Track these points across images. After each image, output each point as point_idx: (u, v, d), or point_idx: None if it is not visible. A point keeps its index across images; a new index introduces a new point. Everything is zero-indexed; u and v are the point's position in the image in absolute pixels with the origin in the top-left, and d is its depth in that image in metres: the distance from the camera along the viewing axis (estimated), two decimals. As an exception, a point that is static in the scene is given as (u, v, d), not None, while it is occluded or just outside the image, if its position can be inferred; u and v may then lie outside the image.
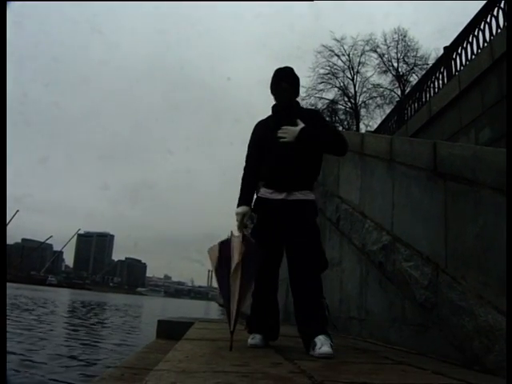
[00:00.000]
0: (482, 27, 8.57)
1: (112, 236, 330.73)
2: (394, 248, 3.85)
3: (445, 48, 10.28)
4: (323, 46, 26.87)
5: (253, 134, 3.20)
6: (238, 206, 3.00)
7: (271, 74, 3.20)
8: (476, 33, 8.78)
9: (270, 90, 3.19)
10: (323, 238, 5.90)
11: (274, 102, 3.23)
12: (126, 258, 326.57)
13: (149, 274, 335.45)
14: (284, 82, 3.11)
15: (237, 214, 2.96)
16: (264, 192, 3.07)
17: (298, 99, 3.30)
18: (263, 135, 3.12)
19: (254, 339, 3.01)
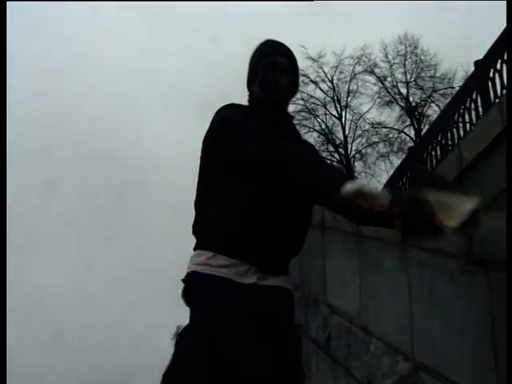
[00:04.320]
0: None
1: None
2: (417, 381, 3.13)
3: (476, 63, 7.93)
4: None
5: (234, 118, 1.87)
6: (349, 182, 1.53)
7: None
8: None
9: (248, 74, 2.04)
10: (307, 371, 4.90)
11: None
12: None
13: None
14: (282, 57, 1.97)
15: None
16: (218, 268, 1.74)
17: None
18: None
19: None
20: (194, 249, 1.81)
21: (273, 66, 1.94)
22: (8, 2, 2.52)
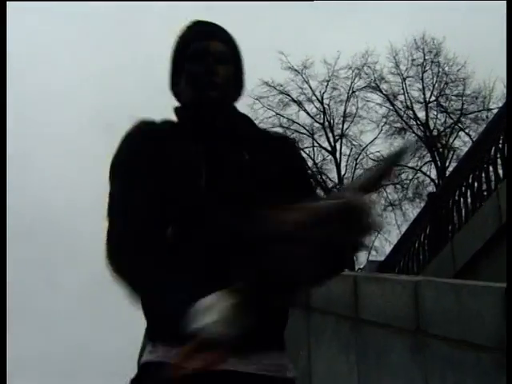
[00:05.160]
0: None
1: None
2: None
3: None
4: (266, 83, 13.56)
5: (131, 152, 1.33)
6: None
7: None
8: None
9: (170, 69, 1.51)
10: None
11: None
12: None
13: None
14: (216, 41, 1.47)
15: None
16: (167, 354, 1.17)
17: None
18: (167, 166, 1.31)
19: None
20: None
21: (204, 53, 1.44)
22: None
